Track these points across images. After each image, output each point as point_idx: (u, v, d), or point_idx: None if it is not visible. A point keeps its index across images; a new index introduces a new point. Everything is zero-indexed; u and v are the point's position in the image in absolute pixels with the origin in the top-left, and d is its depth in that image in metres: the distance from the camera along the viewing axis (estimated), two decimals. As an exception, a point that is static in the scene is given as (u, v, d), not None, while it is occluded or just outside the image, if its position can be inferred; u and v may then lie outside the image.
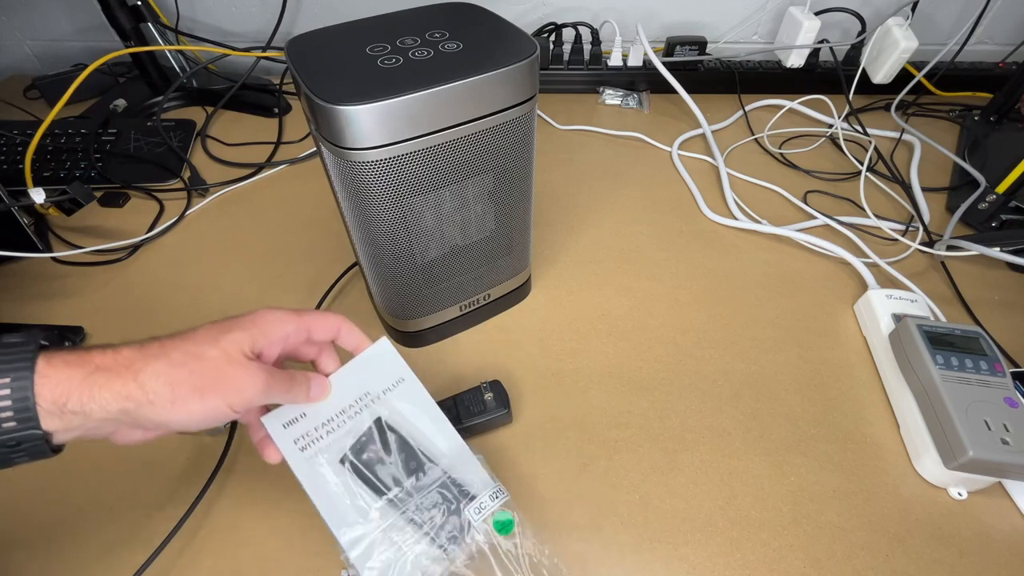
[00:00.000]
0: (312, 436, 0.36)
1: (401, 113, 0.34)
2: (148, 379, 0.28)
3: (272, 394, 0.33)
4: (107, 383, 0.28)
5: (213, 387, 0.30)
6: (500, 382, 0.46)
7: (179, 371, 0.29)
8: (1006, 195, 0.61)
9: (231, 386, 0.30)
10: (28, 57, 0.96)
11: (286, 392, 0.34)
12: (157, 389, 0.28)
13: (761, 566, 0.39)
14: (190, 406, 0.29)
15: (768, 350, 0.52)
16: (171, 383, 0.29)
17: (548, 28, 0.84)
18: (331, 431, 0.36)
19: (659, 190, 0.70)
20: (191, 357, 0.30)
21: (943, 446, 0.41)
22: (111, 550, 0.39)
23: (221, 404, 0.30)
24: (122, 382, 0.28)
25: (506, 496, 0.37)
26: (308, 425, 0.36)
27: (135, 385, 0.28)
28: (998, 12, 0.84)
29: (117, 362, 0.28)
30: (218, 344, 0.31)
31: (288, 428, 0.36)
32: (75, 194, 0.58)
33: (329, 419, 0.37)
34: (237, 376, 0.30)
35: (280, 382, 0.33)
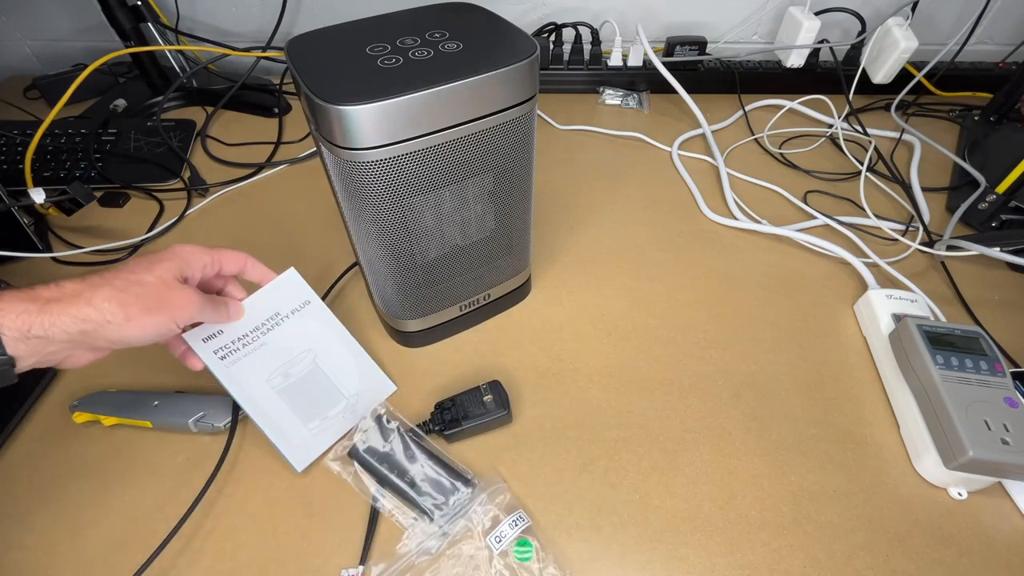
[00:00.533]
0: (229, 348, 0.44)
1: (401, 113, 0.34)
2: (101, 303, 0.32)
3: (204, 313, 0.38)
4: (63, 310, 0.31)
5: (158, 306, 0.35)
6: (499, 383, 0.46)
7: (126, 295, 0.33)
8: (1006, 195, 0.61)
9: (174, 305, 0.36)
10: (28, 57, 0.96)
11: (214, 311, 0.40)
12: (112, 310, 0.33)
13: (761, 566, 0.39)
14: (143, 322, 0.34)
15: (768, 350, 0.52)
16: (122, 304, 0.33)
17: (548, 28, 0.84)
18: (246, 344, 0.44)
19: (659, 190, 0.70)
20: (132, 283, 0.34)
21: (943, 446, 0.41)
22: (111, 550, 0.39)
23: (167, 320, 0.35)
24: (77, 308, 0.32)
25: (527, 523, 0.39)
26: (225, 339, 0.44)
27: (91, 309, 0.32)
28: (998, 12, 0.84)
29: (64, 293, 0.32)
30: (153, 271, 0.36)
31: (207, 342, 0.43)
32: (75, 194, 0.58)
33: (244, 335, 0.44)
34: (177, 297, 0.36)
35: (209, 303, 0.39)
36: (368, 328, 0.53)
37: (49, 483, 0.43)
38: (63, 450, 0.45)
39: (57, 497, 0.42)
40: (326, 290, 0.56)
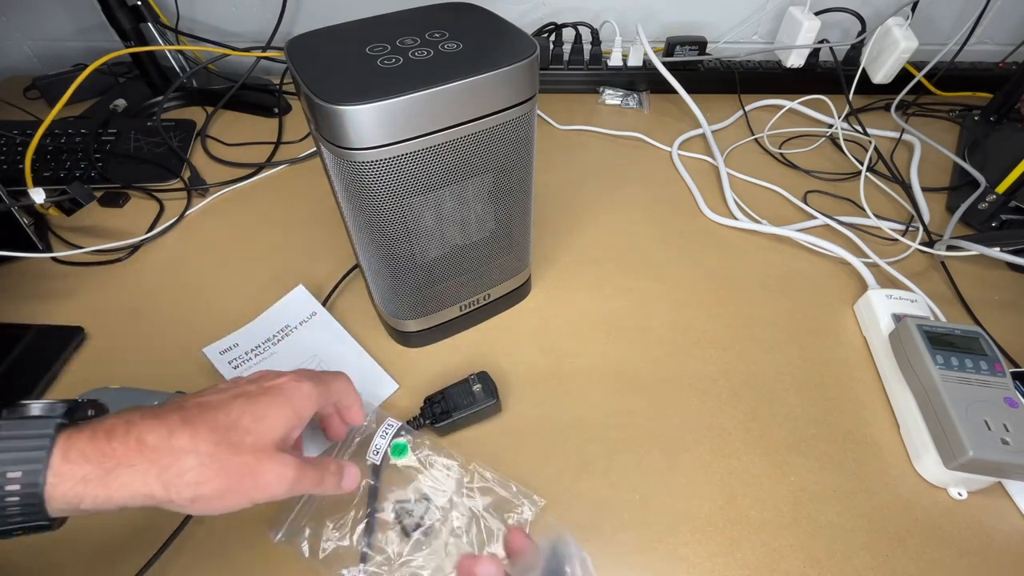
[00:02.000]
0: (243, 358, 0.48)
1: (401, 113, 0.34)
2: (173, 478, 0.27)
3: (301, 488, 0.32)
4: (127, 481, 0.26)
5: (238, 486, 0.29)
6: (487, 373, 0.47)
7: (206, 470, 0.28)
8: (1006, 195, 0.61)
9: (256, 484, 0.29)
10: (28, 57, 0.96)
11: (315, 487, 0.33)
12: (180, 490, 0.27)
13: (761, 566, 0.39)
14: (210, 506, 0.28)
15: (768, 350, 0.52)
16: (196, 483, 0.28)
17: (548, 28, 0.84)
18: (259, 354, 0.49)
19: (659, 190, 0.70)
20: (224, 449, 0.29)
21: (943, 446, 0.41)
22: (112, 551, 0.39)
23: (243, 501, 0.29)
24: (143, 480, 0.27)
25: (396, 426, 0.43)
26: (239, 351, 0.49)
27: (158, 485, 0.27)
28: (998, 12, 0.84)
29: (141, 453, 0.27)
30: (251, 434, 0.30)
31: (223, 354, 0.48)
32: (75, 194, 0.57)
33: (256, 346, 0.50)
34: (265, 474, 0.30)
35: (308, 478, 0.32)
36: (368, 328, 0.53)
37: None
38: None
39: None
40: (327, 295, 0.56)
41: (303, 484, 0.32)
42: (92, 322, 0.53)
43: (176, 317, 0.55)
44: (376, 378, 0.49)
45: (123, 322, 0.54)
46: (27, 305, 0.55)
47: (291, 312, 0.54)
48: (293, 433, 0.33)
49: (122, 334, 0.53)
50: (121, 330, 0.53)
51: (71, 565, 0.39)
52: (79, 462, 0.26)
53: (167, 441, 0.27)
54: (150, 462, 0.27)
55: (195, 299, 0.57)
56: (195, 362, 0.50)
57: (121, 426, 0.27)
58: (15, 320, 0.53)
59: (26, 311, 0.55)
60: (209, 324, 0.53)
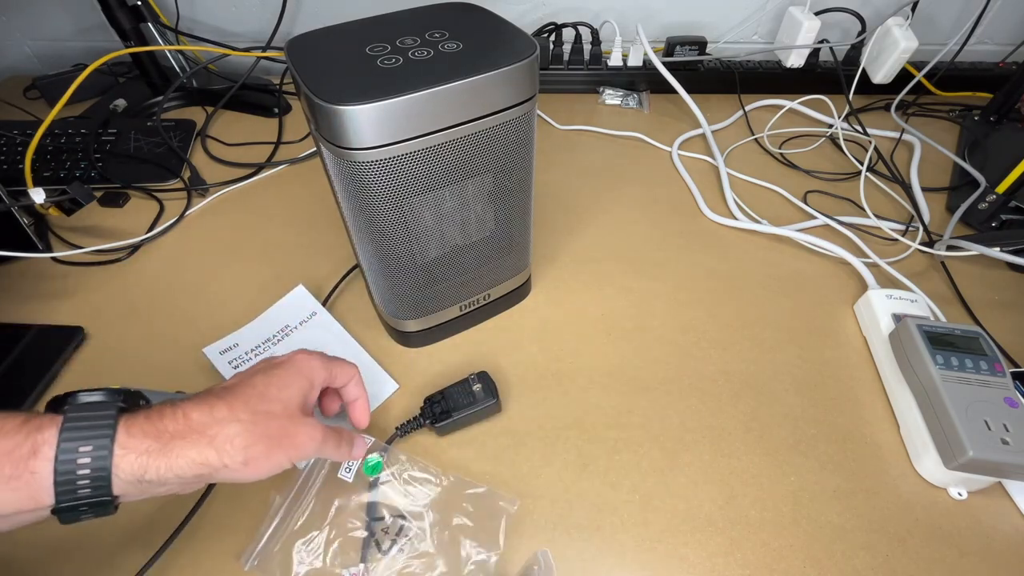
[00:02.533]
0: (243, 359, 0.49)
1: (401, 113, 0.34)
2: (223, 444, 0.30)
3: (325, 450, 0.35)
4: (183, 451, 0.29)
5: (279, 446, 0.32)
6: (487, 373, 0.47)
7: (251, 435, 0.31)
8: (1006, 195, 0.61)
9: (293, 443, 0.33)
10: (28, 57, 0.96)
11: (335, 450, 0.37)
12: (232, 454, 0.30)
13: (761, 566, 0.39)
14: (260, 466, 0.32)
15: (768, 350, 0.52)
16: (245, 446, 0.31)
17: (548, 28, 0.84)
18: (259, 355, 0.49)
19: (659, 190, 0.70)
20: (260, 415, 0.32)
21: (943, 446, 0.41)
22: (112, 550, 0.39)
23: (284, 460, 0.33)
24: (197, 450, 0.29)
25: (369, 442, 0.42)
26: (239, 351, 0.50)
27: (211, 451, 0.30)
28: (998, 12, 0.84)
29: (190, 427, 0.30)
30: (279, 402, 0.33)
31: (223, 354, 0.49)
32: (75, 194, 0.58)
33: (256, 346, 0.50)
34: (299, 434, 0.33)
35: (331, 440, 0.36)
36: (368, 328, 0.53)
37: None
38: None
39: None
40: (327, 295, 0.56)
41: (327, 446, 0.35)
42: (92, 322, 0.53)
43: (176, 317, 0.55)
44: (376, 378, 0.49)
45: (123, 322, 0.54)
46: (27, 305, 0.55)
47: (291, 312, 0.54)
48: (310, 399, 0.36)
49: (122, 334, 0.53)
50: (121, 330, 0.53)
51: (71, 565, 0.39)
52: (140, 437, 0.29)
53: (210, 415, 0.31)
54: (199, 434, 0.30)
55: (195, 299, 0.57)
56: (195, 362, 0.50)
57: (168, 408, 0.30)
58: (15, 320, 0.53)
59: (26, 311, 0.55)
60: (209, 324, 0.53)
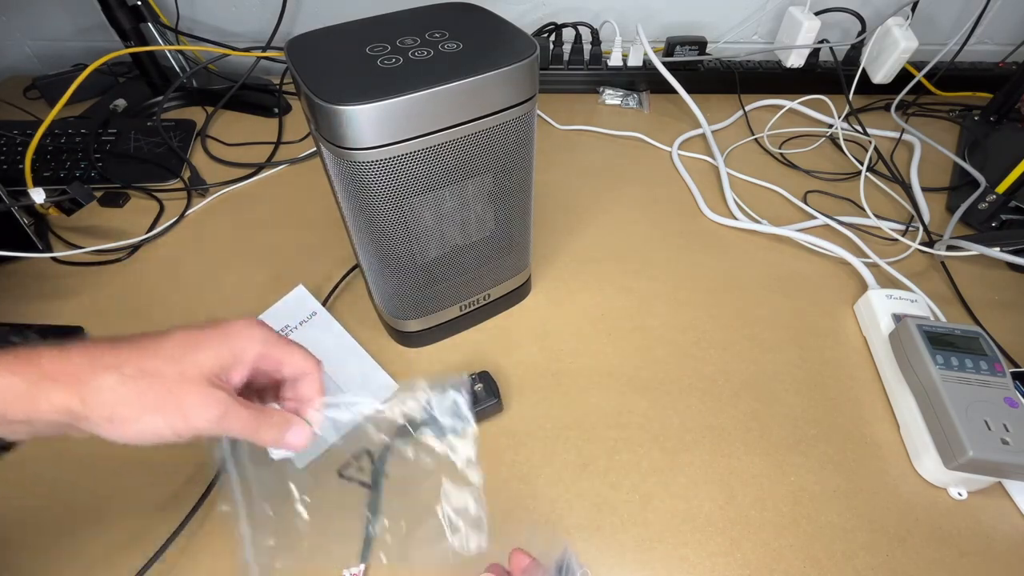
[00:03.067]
0: None
1: (401, 113, 0.34)
2: (90, 393, 0.27)
3: (230, 427, 0.29)
4: (48, 394, 0.26)
5: (157, 410, 0.27)
6: (488, 373, 0.47)
7: (125, 389, 0.27)
8: (1006, 195, 0.61)
9: (179, 409, 0.28)
10: (28, 57, 0.96)
11: (251, 431, 0.30)
12: (95, 406, 0.27)
13: (761, 566, 0.39)
14: (128, 428, 0.27)
15: (768, 350, 0.52)
16: (112, 401, 0.27)
17: (548, 28, 0.84)
18: None
19: (659, 190, 0.70)
20: (145, 374, 0.28)
21: (943, 446, 0.41)
22: (113, 550, 0.39)
23: (162, 426, 0.28)
24: (64, 395, 0.26)
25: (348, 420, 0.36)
26: None
27: (76, 399, 0.26)
28: (998, 12, 0.84)
29: (65, 370, 0.27)
30: (179, 363, 0.29)
31: None
32: (75, 194, 0.58)
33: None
34: (189, 399, 0.28)
35: (242, 418, 0.29)
36: (368, 328, 0.53)
37: (52, 483, 0.43)
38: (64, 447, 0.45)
39: (60, 497, 0.42)
40: (327, 295, 0.56)
41: (233, 423, 0.29)
42: (92, 322, 0.53)
43: (176, 317, 0.55)
44: (376, 378, 0.49)
45: (123, 322, 0.54)
46: (27, 305, 0.55)
47: (291, 312, 0.54)
48: (231, 375, 0.30)
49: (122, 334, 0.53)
50: (121, 330, 0.53)
51: (71, 565, 0.39)
52: (3, 374, 0.26)
53: (93, 360, 0.27)
54: (72, 376, 0.27)
55: (195, 299, 0.57)
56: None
57: (54, 348, 0.28)
58: (15, 320, 0.53)
59: (26, 311, 0.55)
60: (209, 324, 0.53)
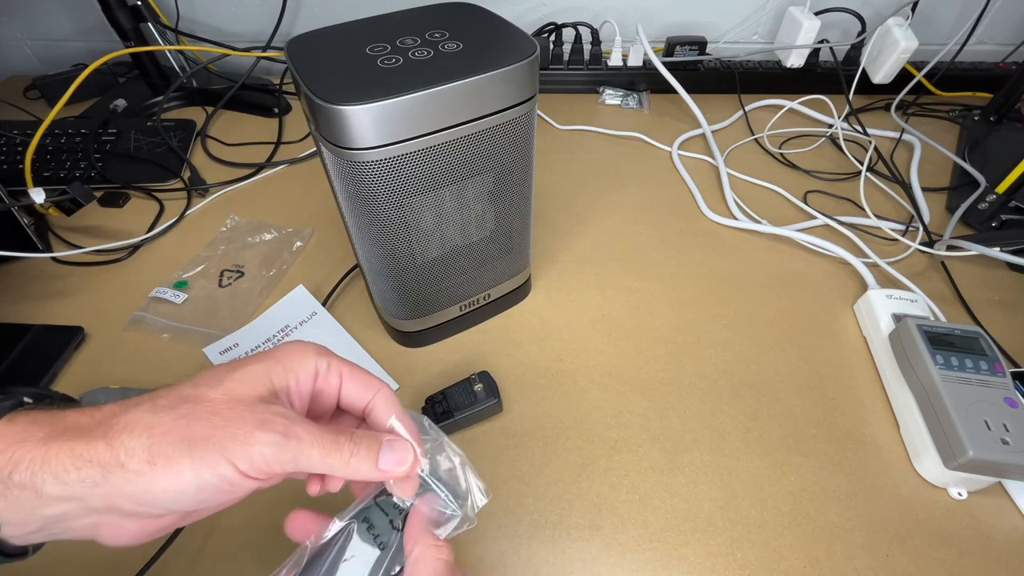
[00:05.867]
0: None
1: (401, 113, 0.34)
2: (121, 432, 0.21)
3: (301, 450, 0.22)
4: (70, 445, 0.20)
5: (207, 438, 0.21)
6: (488, 372, 0.47)
7: (162, 417, 0.21)
8: (1006, 195, 0.61)
9: (234, 436, 0.21)
10: (28, 57, 0.96)
11: (332, 451, 0.23)
12: (130, 444, 0.20)
13: (761, 566, 0.39)
14: (178, 467, 0.21)
15: (768, 350, 0.52)
16: (150, 433, 0.21)
17: (548, 28, 0.84)
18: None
19: (659, 190, 0.70)
20: (183, 400, 0.22)
21: (943, 446, 0.41)
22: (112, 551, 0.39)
23: (221, 462, 0.21)
24: (87, 441, 0.20)
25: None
26: (239, 351, 0.49)
27: (103, 443, 0.20)
28: (998, 12, 0.84)
29: (94, 419, 0.21)
30: (221, 384, 0.23)
31: (224, 354, 0.48)
32: (75, 194, 0.58)
33: (257, 346, 0.51)
34: (242, 421, 0.22)
35: (313, 435, 0.23)
36: (368, 328, 0.53)
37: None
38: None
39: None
40: (327, 295, 0.56)
41: (304, 443, 0.23)
42: (92, 322, 0.53)
43: (176, 317, 0.55)
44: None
45: (123, 322, 0.54)
46: (27, 305, 0.55)
47: (291, 312, 0.54)
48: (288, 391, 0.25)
49: (122, 334, 0.53)
50: (121, 330, 0.53)
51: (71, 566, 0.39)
52: (22, 424, 0.21)
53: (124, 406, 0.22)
54: (100, 423, 0.21)
55: (195, 299, 0.57)
56: (195, 362, 0.50)
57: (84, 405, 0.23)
58: (15, 320, 0.53)
59: (26, 311, 0.55)
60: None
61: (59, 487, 0.20)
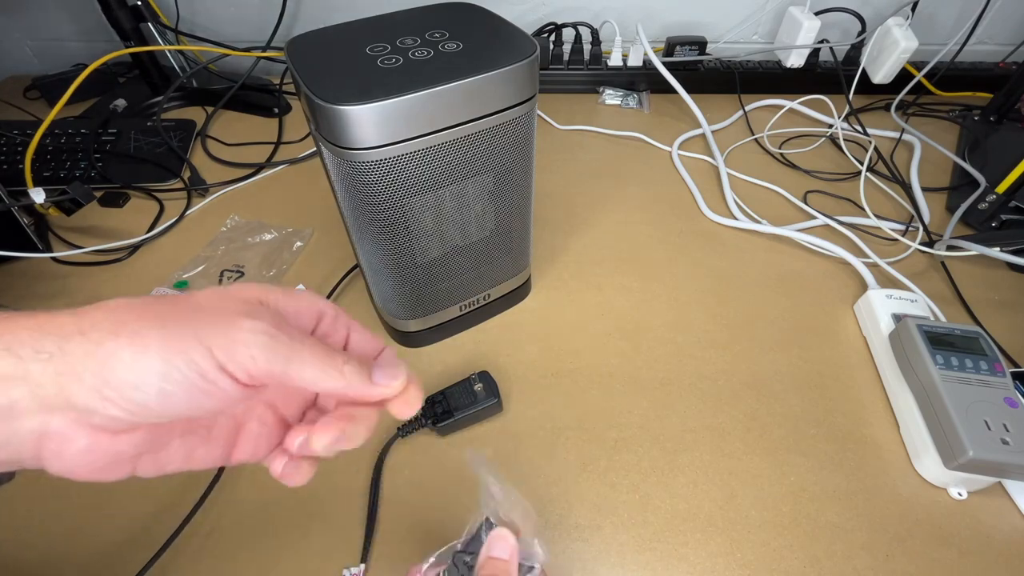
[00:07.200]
0: None
1: (401, 113, 0.34)
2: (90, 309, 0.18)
3: (293, 350, 0.20)
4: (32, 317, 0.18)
5: (184, 319, 0.18)
6: (488, 372, 0.47)
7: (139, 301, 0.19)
8: (1006, 195, 0.61)
9: (214, 322, 0.19)
10: (28, 57, 0.96)
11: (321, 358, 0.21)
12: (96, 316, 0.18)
13: (761, 566, 0.39)
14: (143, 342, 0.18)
15: (768, 350, 0.52)
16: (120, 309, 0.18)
17: (548, 28, 0.84)
18: None
19: (659, 190, 0.70)
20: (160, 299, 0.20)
21: (943, 446, 0.41)
22: (112, 551, 0.39)
23: (196, 347, 0.18)
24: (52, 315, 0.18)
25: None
26: None
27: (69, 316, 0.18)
28: (998, 12, 0.84)
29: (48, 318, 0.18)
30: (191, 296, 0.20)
31: None
32: (75, 194, 0.58)
33: None
34: (226, 312, 0.19)
35: (306, 337, 0.21)
36: (368, 328, 0.53)
37: (52, 482, 0.43)
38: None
39: (60, 496, 0.42)
40: (327, 295, 0.56)
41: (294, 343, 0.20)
42: (92, 322, 0.53)
43: (176, 317, 0.55)
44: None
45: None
46: (27, 305, 0.55)
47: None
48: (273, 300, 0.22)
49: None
50: (121, 330, 0.53)
51: (71, 565, 0.39)
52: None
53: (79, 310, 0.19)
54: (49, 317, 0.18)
55: (195, 299, 0.57)
56: (195, 362, 0.50)
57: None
58: (15, 320, 0.53)
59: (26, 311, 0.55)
60: (209, 324, 0.53)
61: (10, 361, 0.17)
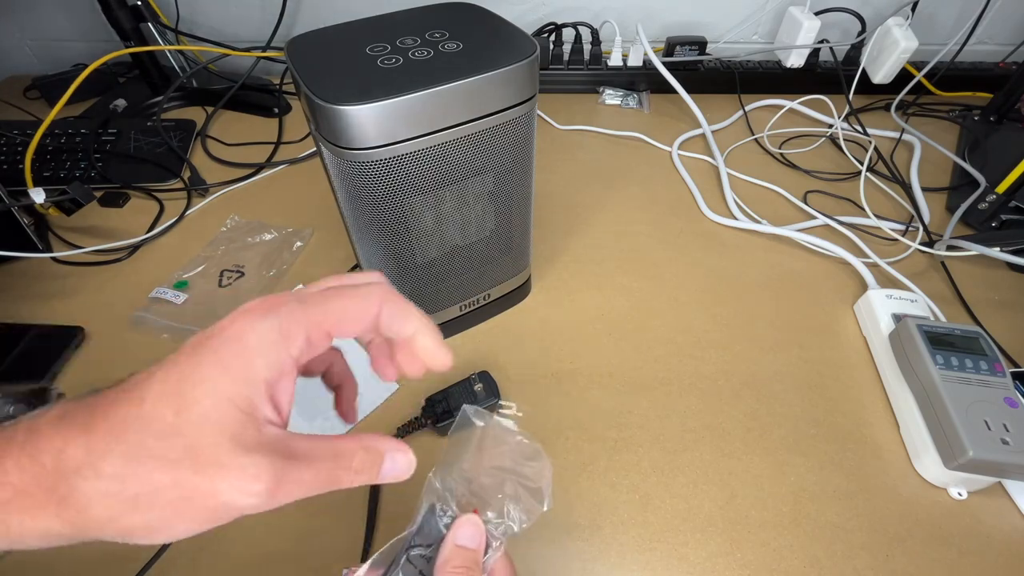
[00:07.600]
0: None
1: (401, 113, 0.34)
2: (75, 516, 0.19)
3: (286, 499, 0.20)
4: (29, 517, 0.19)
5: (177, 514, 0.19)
6: (488, 372, 0.47)
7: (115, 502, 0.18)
8: (1006, 195, 0.61)
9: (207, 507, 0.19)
10: (28, 57, 0.96)
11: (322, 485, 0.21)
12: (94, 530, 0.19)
13: (761, 566, 0.39)
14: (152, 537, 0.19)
15: (768, 350, 0.52)
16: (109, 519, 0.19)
17: (548, 28, 0.84)
18: None
19: (659, 190, 0.70)
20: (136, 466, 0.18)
21: (943, 446, 0.41)
22: (112, 551, 0.39)
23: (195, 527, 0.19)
24: (44, 515, 0.19)
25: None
26: None
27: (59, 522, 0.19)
28: (998, 12, 0.84)
29: (38, 481, 0.18)
30: (182, 433, 0.18)
31: None
32: (75, 194, 0.58)
33: None
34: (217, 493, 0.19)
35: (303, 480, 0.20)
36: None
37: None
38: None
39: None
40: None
41: (293, 489, 0.20)
42: (92, 322, 0.53)
43: (176, 317, 0.55)
44: (376, 378, 0.49)
45: (123, 322, 0.54)
46: (27, 305, 0.55)
47: None
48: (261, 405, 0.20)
49: (122, 334, 0.53)
50: (121, 330, 0.53)
51: (71, 565, 0.39)
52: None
53: (59, 460, 0.18)
54: (48, 491, 0.18)
55: (195, 299, 0.57)
56: (195, 362, 0.50)
57: (21, 434, 0.19)
58: (15, 320, 0.53)
59: (26, 311, 0.55)
60: (209, 324, 0.53)
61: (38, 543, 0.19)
